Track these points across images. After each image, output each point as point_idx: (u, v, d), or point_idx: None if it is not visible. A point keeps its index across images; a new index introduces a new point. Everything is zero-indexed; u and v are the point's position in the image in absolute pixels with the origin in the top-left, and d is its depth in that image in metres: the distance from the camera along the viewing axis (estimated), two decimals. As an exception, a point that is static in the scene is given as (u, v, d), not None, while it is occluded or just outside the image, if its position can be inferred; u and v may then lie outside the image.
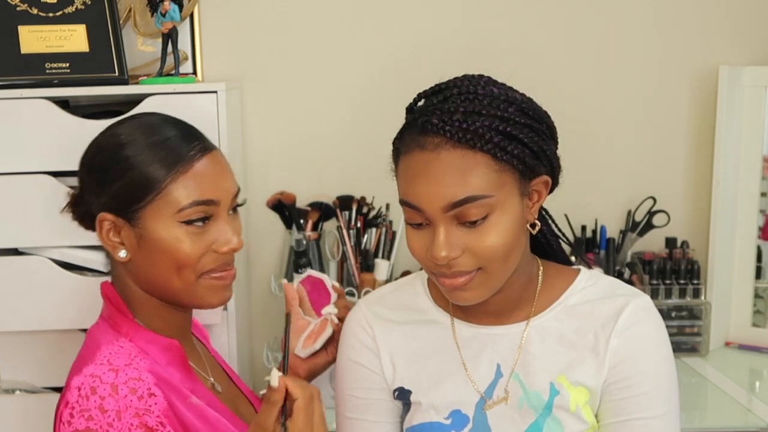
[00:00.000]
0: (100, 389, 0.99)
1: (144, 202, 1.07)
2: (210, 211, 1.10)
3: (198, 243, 1.09)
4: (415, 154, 0.97)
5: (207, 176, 1.10)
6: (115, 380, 1.00)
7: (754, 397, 1.72)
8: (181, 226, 1.07)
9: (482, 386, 1.07)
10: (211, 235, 1.10)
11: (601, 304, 1.06)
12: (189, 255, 1.08)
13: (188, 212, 1.07)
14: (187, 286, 1.10)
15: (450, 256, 0.96)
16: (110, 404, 0.98)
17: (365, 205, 1.94)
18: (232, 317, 1.68)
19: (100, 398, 0.98)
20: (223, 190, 1.11)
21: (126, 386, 1.00)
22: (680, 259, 1.96)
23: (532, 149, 0.97)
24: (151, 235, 1.07)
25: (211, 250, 1.10)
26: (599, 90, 2.03)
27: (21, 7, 1.70)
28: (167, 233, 1.07)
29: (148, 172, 1.07)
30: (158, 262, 1.08)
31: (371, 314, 1.14)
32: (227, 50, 1.97)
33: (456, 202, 0.95)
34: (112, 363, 1.02)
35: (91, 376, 1.00)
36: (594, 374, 1.04)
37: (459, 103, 0.96)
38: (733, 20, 2.01)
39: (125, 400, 0.99)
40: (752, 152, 1.95)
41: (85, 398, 0.99)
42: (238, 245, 1.13)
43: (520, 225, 1.00)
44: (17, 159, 1.59)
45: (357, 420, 1.14)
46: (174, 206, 1.07)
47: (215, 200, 1.10)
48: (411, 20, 1.99)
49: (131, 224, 1.08)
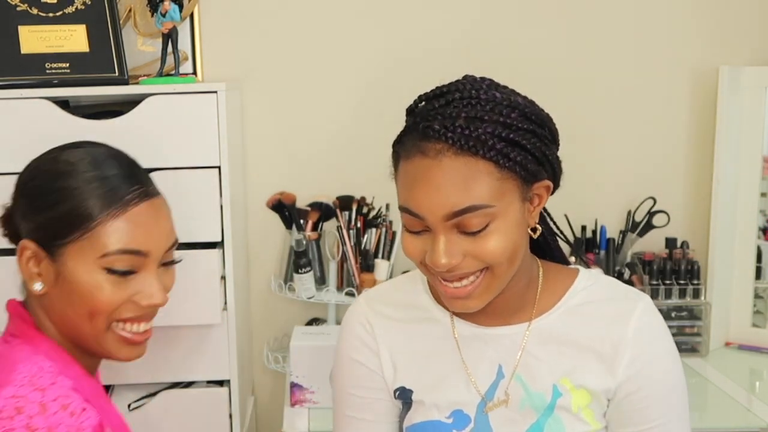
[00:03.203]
0: (28, 408, 0.92)
1: (69, 238, 1.00)
2: (137, 262, 1.02)
3: (118, 292, 1.02)
4: (416, 160, 0.95)
5: (141, 224, 1.02)
6: (43, 399, 0.93)
7: (754, 397, 1.71)
8: (102, 272, 1.00)
9: (483, 387, 1.07)
10: (134, 285, 1.03)
11: (604, 305, 1.06)
12: (105, 303, 1.01)
13: (112, 259, 1.00)
14: (96, 334, 1.03)
15: (450, 264, 0.96)
16: (39, 422, 0.91)
17: (365, 205, 1.94)
18: (232, 317, 1.68)
19: (28, 417, 0.91)
20: (154, 242, 1.04)
21: (56, 403, 0.93)
22: (680, 260, 1.96)
23: (534, 155, 0.96)
24: (69, 274, 1.00)
25: (131, 301, 1.03)
26: (599, 90, 2.03)
27: (21, 7, 1.70)
28: (87, 277, 1.00)
29: (78, 209, 1.00)
30: (72, 304, 1.01)
31: (371, 311, 1.14)
32: (227, 50, 1.97)
33: (457, 211, 0.93)
34: (35, 383, 0.95)
35: (13, 397, 0.93)
36: (598, 378, 1.03)
37: (461, 108, 0.95)
38: (733, 20, 2.01)
39: (56, 417, 0.92)
40: (752, 152, 1.95)
41: (8, 419, 0.91)
42: (161, 301, 1.05)
43: (522, 229, 0.99)
44: (17, 159, 1.57)
45: (355, 418, 1.14)
46: (99, 250, 1.00)
47: (144, 251, 1.02)
48: (411, 20, 1.99)
49: (52, 258, 1.01)
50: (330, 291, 1.92)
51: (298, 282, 1.88)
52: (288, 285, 1.93)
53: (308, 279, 1.88)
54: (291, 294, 1.91)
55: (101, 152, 1.07)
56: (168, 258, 1.08)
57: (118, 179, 1.03)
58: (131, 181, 1.04)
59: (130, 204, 1.01)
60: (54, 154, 1.07)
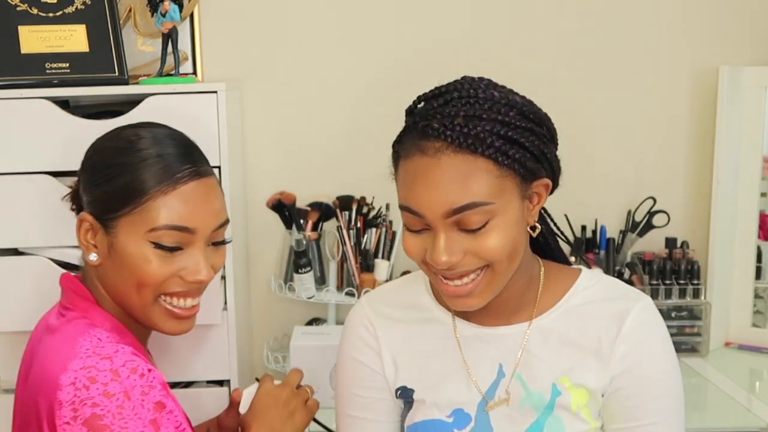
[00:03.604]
0: (101, 376, 0.97)
1: (122, 212, 1.05)
2: (184, 239, 1.07)
3: (165, 266, 1.06)
4: (416, 158, 0.96)
5: (189, 202, 1.06)
6: (113, 366, 0.98)
7: (754, 397, 1.72)
8: (150, 246, 1.05)
9: (484, 386, 1.07)
10: (181, 261, 1.07)
11: (604, 305, 1.06)
12: (151, 276, 1.06)
13: (160, 234, 1.05)
14: (144, 305, 1.08)
15: (451, 261, 0.96)
16: (115, 388, 0.96)
17: (365, 205, 1.94)
18: (232, 317, 1.68)
19: (103, 384, 0.96)
20: (201, 220, 1.08)
21: (125, 368, 0.98)
22: (680, 260, 1.96)
23: (533, 153, 0.97)
24: (121, 246, 1.06)
25: (178, 276, 1.08)
26: (599, 90, 2.03)
27: (21, 7, 1.70)
28: (136, 249, 1.05)
29: (132, 183, 1.05)
30: (122, 275, 1.07)
31: (373, 312, 1.14)
32: (227, 50, 1.97)
33: (457, 208, 0.94)
34: (101, 353, 1.00)
35: (83, 368, 0.98)
36: (595, 377, 1.04)
37: (460, 107, 0.96)
38: (733, 20, 2.01)
39: (129, 380, 0.97)
40: (752, 152, 1.95)
41: (84, 389, 0.96)
42: (206, 278, 1.09)
43: (521, 227, 1.00)
44: (17, 159, 1.59)
45: (357, 418, 1.14)
46: (148, 224, 1.05)
47: (191, 228, 1.07)
48: (411, 20, 1.99)
49: (106, 231, 1.07)
50: (330, 291, 1.92)
51: (298, 282, 1.88)
52: (288, 285, 1.93)
53: (308, 279, 1.88)
54: (291, 294, 1.91)
55: (161, 132, 1.12)
56: (218, 237, 1.12)
57: (172, 157, 1.08)
58: (184, 160, 1.09)
59: (180, 181, 1.06)
60: (116, 131, 1.12)
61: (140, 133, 1.10)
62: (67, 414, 0.96)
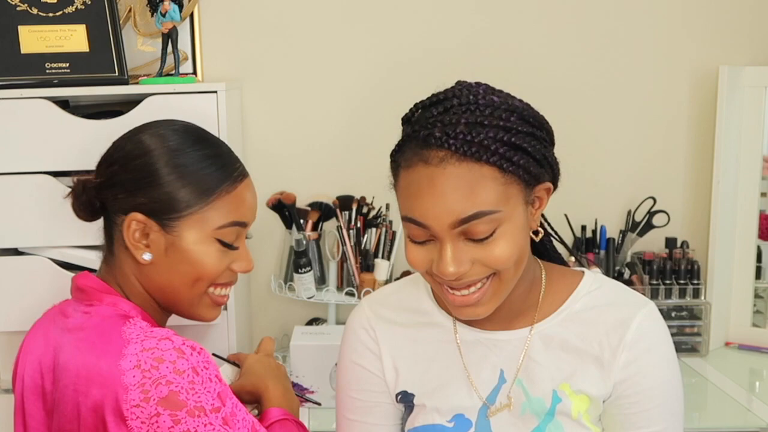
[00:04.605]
0: (167, 355, 0.99)
1: (187, 212, 1.08)
2: (241, 234, 1.13)
3: (222, 260, 1.11)
4: (419, 168, 0.94)
5: (246, 198, 1.13)
6: (174, 345, 1.00)
7: (754, 397, 1.71)
8: (215, 243, 1.10)
9: (485, 392, 1.07)
10: (232, 254, 1.13)
11: (607, 311, 1.05)
12: (212, 271, 1.10)
13: (226, 231, 1.10)
14: (192, 298, 1.12)
15: (459, 272, 0.95)
16: (183, 365, 0.99)
17: (365, 205, 1.94)
18: (232, 317, 1.68)
19: (171, 362, 0.99)
20: (252, 215, 1.15)
21: (186, 346, 1.01)
22: (680, 259, 1.95)
23: (535, 158, 0.95)
24: (183, 244, 1.08)
25: (229, 268, 1.13)
26: (599, 90, 2.03)
27: (21, 7, 1.70)
28: (200, 246, 1.09)
29: (197, 185, 1.08)
30: (178, 271, 1.09)
31: (374, 315, 1.14)
32: (227, 50, 1.97)
33: (464, 218, 0.92)
34: (156, 335, 1.02)
35: (145, 350, 0.99)
36: (596, 383, 1.03)
37: (460, 114, 0.93)
38: (733, 20, 2.01)
39: (192, 357, 1.00)
40: (752, 152, 1.95)
41: (154, 369, 0.98)
42: (252, 268, 1.17)
43: (526, 233, 0.99)
44: (17, 159, 1.59)
45: (357, 422, 1.14)
46: (214, 222, 1.09)
47: (247, 223, 1.13)
48: (411, 21, 1.99)
49: (165, 230, 1.08)
50: (330, 291, 1.92)
51: (298, 282, 1.88)
52: (288, 285, 1.93)
53: (308, 279, 1.88)
54: (291, 294, 1.91)
55: (196, 130, 1.15)
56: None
57: (225, 157, 1.13)
58: (234, 157, 1.15)
59: (237, 180, 1.12)
60: (156, 130, 1.12)
61: (181, 134, 1.12)
62: (136, 397, 0.97)
